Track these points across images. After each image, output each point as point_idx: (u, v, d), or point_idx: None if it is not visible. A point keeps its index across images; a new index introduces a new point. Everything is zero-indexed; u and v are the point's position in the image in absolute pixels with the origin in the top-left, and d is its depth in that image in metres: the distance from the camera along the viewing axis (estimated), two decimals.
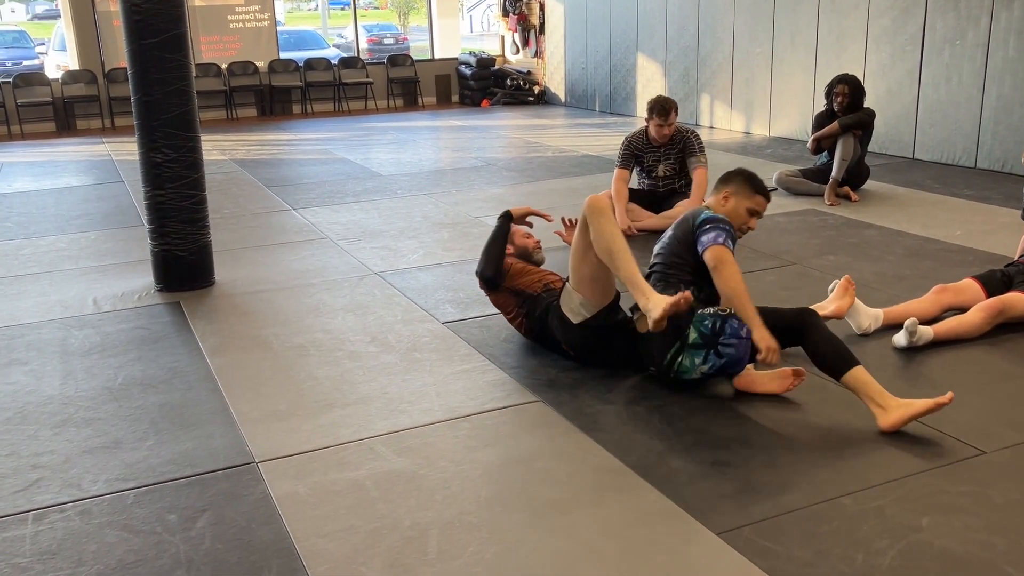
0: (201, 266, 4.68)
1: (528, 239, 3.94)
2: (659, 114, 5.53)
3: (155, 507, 2.60)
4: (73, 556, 2.37)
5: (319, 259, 5.20)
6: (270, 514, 2.54)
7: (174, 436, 3.04)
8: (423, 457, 2.84)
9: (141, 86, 4.36)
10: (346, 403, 3.25)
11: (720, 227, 3.17)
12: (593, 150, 8.83)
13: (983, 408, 3.05)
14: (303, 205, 6.70)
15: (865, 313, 3.72)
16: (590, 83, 12.21)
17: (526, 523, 2.45)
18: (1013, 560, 2.22)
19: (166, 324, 4.16)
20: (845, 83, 6.20)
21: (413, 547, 2.36)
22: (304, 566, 2.29)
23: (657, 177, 5.71)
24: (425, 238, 5.61)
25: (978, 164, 7.18)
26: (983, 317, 3.64)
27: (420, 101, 13.80)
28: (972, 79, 7.11)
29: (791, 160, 7.75)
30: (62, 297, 4.63)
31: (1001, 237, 5.10)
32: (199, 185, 4.57)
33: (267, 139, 10.58)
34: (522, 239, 3.91)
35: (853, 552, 2.27)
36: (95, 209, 6.81)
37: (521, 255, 3.89)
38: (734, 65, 9.62)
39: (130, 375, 3.58)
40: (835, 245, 5.12)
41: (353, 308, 4.30)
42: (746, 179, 3.34)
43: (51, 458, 2.92)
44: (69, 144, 10.68)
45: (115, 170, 8.58)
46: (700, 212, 3.28)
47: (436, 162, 8.55)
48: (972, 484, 2.58)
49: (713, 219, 3.21)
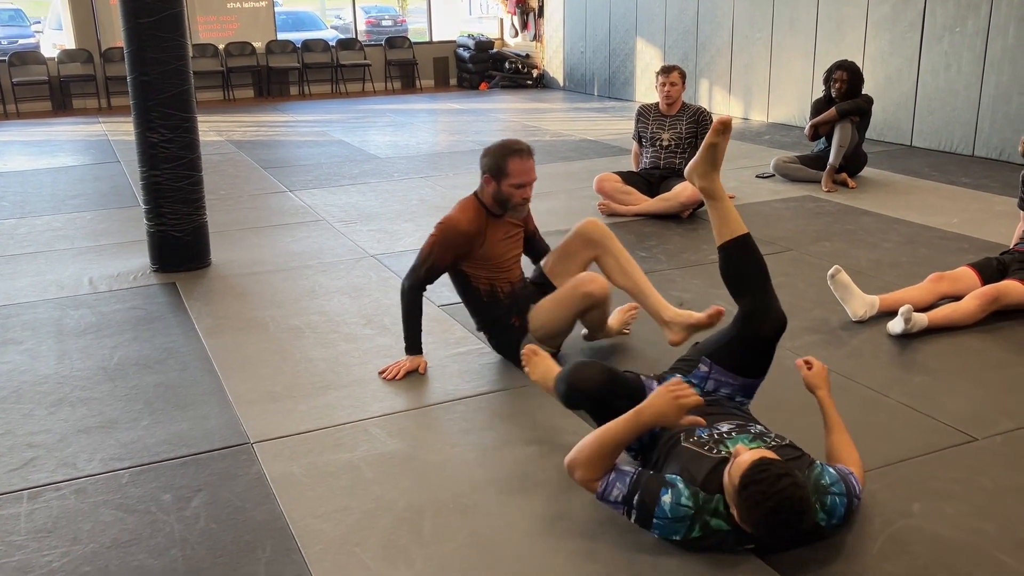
0: (197, 247, 4.67)
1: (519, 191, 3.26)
2: (661, 71, 5.65)
3: (150, 487, 2.61)
4: (68, 534, 2.38)
5: (315, 241, 5.19)
6: (265, 494, 2.55)
7: (169, 416, 3.05)
8: (418, 439, 2.85)
9: (137, 65, 4.34)
10: (341, 385, 3.26)
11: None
12: (591, 134, 8.81)
13: (976, 395, 3.06)
14: (299, 187, 6.68)
15: (861, 300, 3.73)
16: (589, 67, 12.17)
17: (520, 505, 2.46)
18: (1002, 546, 2.24)
19: (162, 305, 4.16)
20: (844, 69, 6.18)
21: (407, 528, 2.37)
22: (298, 546, 2.30)
23: (660, 147, 5.68)
24: (421, 221, 5.60)
25: (976, 152, 7.17)
26: (978, 305, 3.65)
27: (418, 84, 13.75)
28: (971, 67, 7.09)
29: (789, 146, 7.74)
30: (58, 277, 4.62)
31: (997, 225, 5.10)
32: (195, 166, 4.55)
33: (264, 120, 10.54)
34: (509, 188, 3.24)
35: (844, 536, 2.28)
36: (91, 189, 6.79)
37: (498, 200, 3.27)
38: (733, 50, 9.59)
39: (126, 355, 3.58)
40: (832, 232, 5.12)
41: (349, 290, 4.30)
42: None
43: (46, 437, 2.92)
44: (65, 123, 10.63)
45: (111, 150, 8.55)
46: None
47: (433, 145, 8.53)
48: (963, 470, 2.59)
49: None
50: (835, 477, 2.24)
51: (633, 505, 2.19)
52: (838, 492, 2.22)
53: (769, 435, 2.32)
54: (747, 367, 2.54)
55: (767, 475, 2.01)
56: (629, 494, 2.20)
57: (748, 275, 2.58)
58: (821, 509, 2.18)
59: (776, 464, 2.05)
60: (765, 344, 2.51)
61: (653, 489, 2.18)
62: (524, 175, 3.22)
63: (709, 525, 2.15)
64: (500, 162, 3.21)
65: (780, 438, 2.32)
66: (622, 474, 2.24)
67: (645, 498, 2.18)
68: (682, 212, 5.44)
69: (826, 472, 2.24)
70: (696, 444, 2.27)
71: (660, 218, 5.45)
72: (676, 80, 5.61)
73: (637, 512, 2.19)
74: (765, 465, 2.03)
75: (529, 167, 3.23)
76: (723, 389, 2.56)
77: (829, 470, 2.25)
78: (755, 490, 2.01)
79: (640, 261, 4.62)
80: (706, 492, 2.16)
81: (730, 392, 2.56)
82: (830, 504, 2.20)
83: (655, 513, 2.16)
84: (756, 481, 2.01)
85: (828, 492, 2.20)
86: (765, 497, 2.00)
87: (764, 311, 2.50)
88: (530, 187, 3.27)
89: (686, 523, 2.15)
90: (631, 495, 2.20)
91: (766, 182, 6.45)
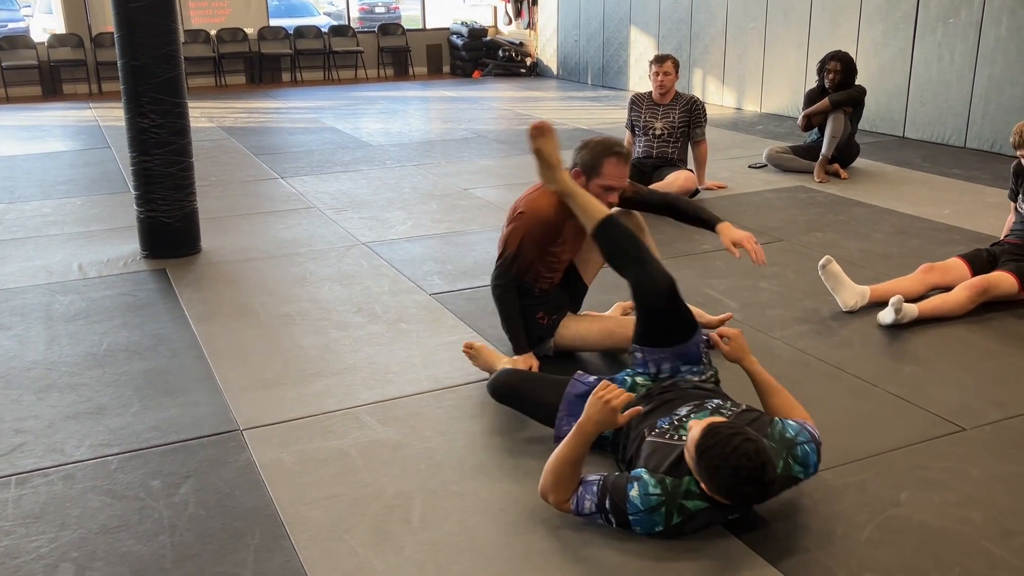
0: (187, 233, 4.65)
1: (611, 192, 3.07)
2: (655, 60, 5.63)
3: (139, 473, 2.60)
4: (56, 520, 2.37)
5: (306, 228, 5.17)
6: (254, 481, 2.55)
7: (158, 403, 3.04)
8: (408, 427, 2.85)
9: (128, 50, 4.30)
10: (332, 372, 3.25)
11: None
12: (584, 123, 8.80)
13: (965, 385, 3.08)
14: (291, 174, 6.66)
15: (852, 290, 3.74)
16: (583, 56, 12.14)
17: (510, 493, 2.46)
18: (989, 534, 2.25)
19: (151, 291, 4.15)
20: (837, 60, 6.18)
21: (397, 515, 2.37)
22: (287, 533, 2.30)
23: (653, 136, 5.67)
24: (413, 209, 5.59)
25: (967, 144, 7.18)
26: (968, 296, 3.66)
27: (411, 71, 13.69)
28: (964, 58, 7.10)
29: (782, 137, 7.75)
30: (47, 262, 4.60)
31: (988, 217, 5.12)
32: (186, 152, 4.53)
33: (255, 107, 10.49)
34: (597, 188, 3.02)
35: (833, 525, 2.29)
36: (81, 174, 6.75)
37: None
38: (727, 40, 9.57)
39: (115, 341, 3.57)
40: (823, 222, 5.13)
41: (340, 278, 4.29)
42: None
43: (34, 423, 2.91)
44: (55, 108, 10.56)
45: (102, 135, 8.50)
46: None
47: (426, 133, 8.51)
48: (951, 460, 2.60)
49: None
50: (797, 428, 2.27)
51: (607, 510, 2.20)
52: (805, 440, 2.25)
53: (726, 406, 2.35)
54: (666, 336, 2.56)
55: (718, 437, 2.04)
56: (600, 501, 2.21)
57: (620, 251, 2.69)
58: (795, 462, 2.20)
59: (724, 425, 2.07)
60: (665, 310, 2.56)
61: (620, 488, 2.19)
62: (618, 179, 3.02)
63: (686, 508, 2.16)
64: (596, 160, 3.00)
65: (737, 405, 2.36)
66: (588, 485, 2.25)
67: (615, 499, 2.19)
68: None
69: (787, 426, 2.27)
70: (659, 435, 2.29)
71: None
72: (670, 69, 5.61)
73: (613, 516, 2.20)
74: (714, 429, 2.06)
75: (623, 172, 3.03)
76: (664, 365, 2.57)
77: (789, 423, 2.29)
78: (711, 455, 2.03)
79: None
80: (674, 477, 2.17)
81: (672, 366, 2.57)
82: (801, 454, 2.22)
83: (628, 510, 2.17)
84: (709, 447, 2.04)
85: (796, 444, 2.23)
86: (723, 460, 2.02)
87: (647, 280, 2.58)
88: (617, 193, 3.07)
89: (661, 511, 2.16)
90: (602, 502, 2.21)
91: (758, 172, 6.45)
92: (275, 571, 2.16)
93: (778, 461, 2.18)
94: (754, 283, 4.11)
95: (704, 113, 5.67)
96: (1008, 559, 2.16)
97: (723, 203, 5.59)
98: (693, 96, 5.73)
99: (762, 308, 3.81)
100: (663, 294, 2.55)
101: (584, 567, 2.14)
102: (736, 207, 5.49)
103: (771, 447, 2.18)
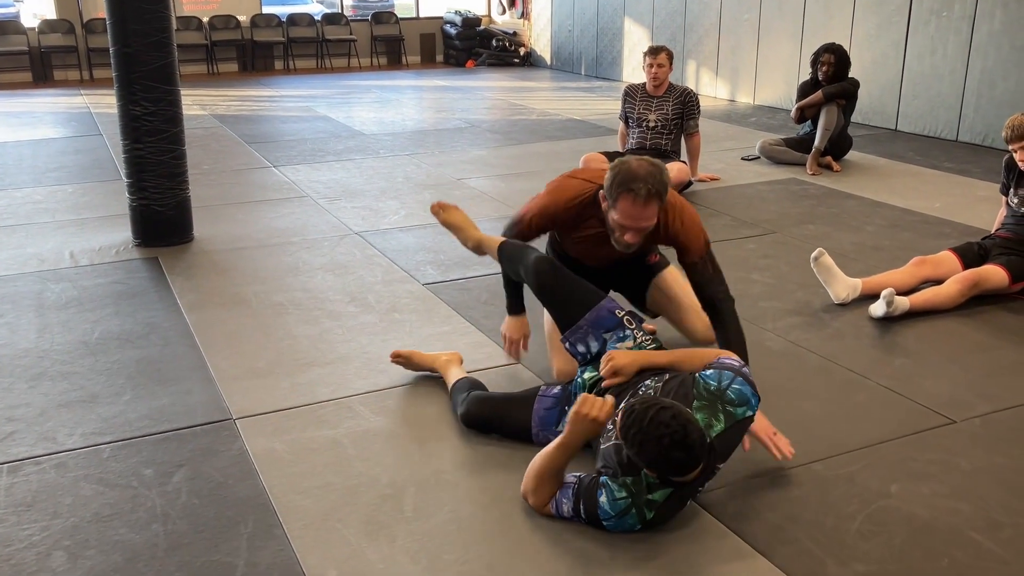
0: (179, 222, 4.64)
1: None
2: (649, 52, 5.64)
3: (131, 461, 2.60)
4: (48, 508, 2.37)
5: (299, 217, 5.16)
6: (247, 470, 2.55)
7: (151, 391, 3.03)
8: (401, 416, 2.86)
9: (120, 37, 4.28)
10: (325, 362, 3.25)
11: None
12: (578, 114, 8.79)
13: (955, 378, 3.10)
14: (284, 162, 6.64)
15: (843, 283, 3.75)
16: (576, 46, 12.12)
17: (502, 482, 2.47)
18: (977, 526, 2.27)
19: (144, 279, 4.13)
20: (831, 52, 6.18)
21: (390, 505, 2.38)
22: (280, 522, 2.31)
23: (647, 128, 5.68)
24: (407, 199, 5.58)
25: (959, 137, 7.20)
26: (959, 289, 3.68)
27: (404, 60, 13.65)
28: (957, 51, 7.11)
29: (775, 129, 7.75)
30: (38, 250, 4.58)
31: (979, 210, 5.14)
32: (178, 139, 4.51)
33: (248, 95, 10.45)
34: (614, 222, 2.72)
35: (823, 516, 2.31)
36: (72, 162, 6.72)
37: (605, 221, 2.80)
38: (721, 31, 9.56)
39: (107, 330, 3.56)
40: (815, 215, 5.14)
41: (333, 267, 4.29)
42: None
43: (26, 411, 2.90)
44: (46, 95, 10.50)
45: (93, 123, 8.45)
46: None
47: (419, 122, 8.49)
48: (941, 452, 2.62)
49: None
50: (716, 375, 2.27)
51: (582, 515, 2.23)
52: (730, 381, 2.25)
53: (649, 384, 2.36)
54: (568, 310, 2.66)
55: (634, 415, 2.04)
56: (575, 505, 2.24)
57: (513, 265, 2.82)
58: (734, 407, 2.20)
59: (638, 402, 2.07)
60: (549, 290, 2.70)
61: (591, 494, 2.22)
62: (631, 220, 2.63)
63: (655, 501, 2.17)
64: (614, 191, 2.63)
65: (659, 377, 2.36)
66: (565, 488, 2.28)
67: (588, 506, 2.22)
68: None
69: (706, 378, 2.27)
70: (605, 439, 2.30)
71: None
72: (663, 61, 5.60)
73: (587, 520, 2.23)
74: (629, 409, 2.06)
75: (639, 213, 2.61)
76: (590, 342, 2.62)
77: (706, 374, 2.28)
78: (633, 435, 2.03)
79: None
80: (632, 475, 2.18)
81: (597, 341, 2.61)
82: (735, 395, 2.22)
83: (601, 516, 2.20)
84: (629, 427, 2.04)
85: (723, 390, 2.23)
86: (644, 435, 2.02)
87: (530, 270, 2.71)
88: (637, 233, 2.67)
89: (632, 513, 2.18)
90: (577, 506, 2.23)
91: (751, 164, 6.46)
92: (268, 560, 2.16)
93: (717, 415, 2.19)
94: (746, 275, 4.13)
95: (697, 105, 5.67)
96: (996, 550, 2.18)
97: (716, 195, 5.60)
98: (687, 88, 5.73)
99: (754, 300, 3.82)
100: (539, 281, 2.68)
101: (575, 558, 2.15)
102: (728, 199, 5.50)
103: (703, 405, 2.19)
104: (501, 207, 5.35)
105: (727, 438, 2.21)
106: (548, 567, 2.13)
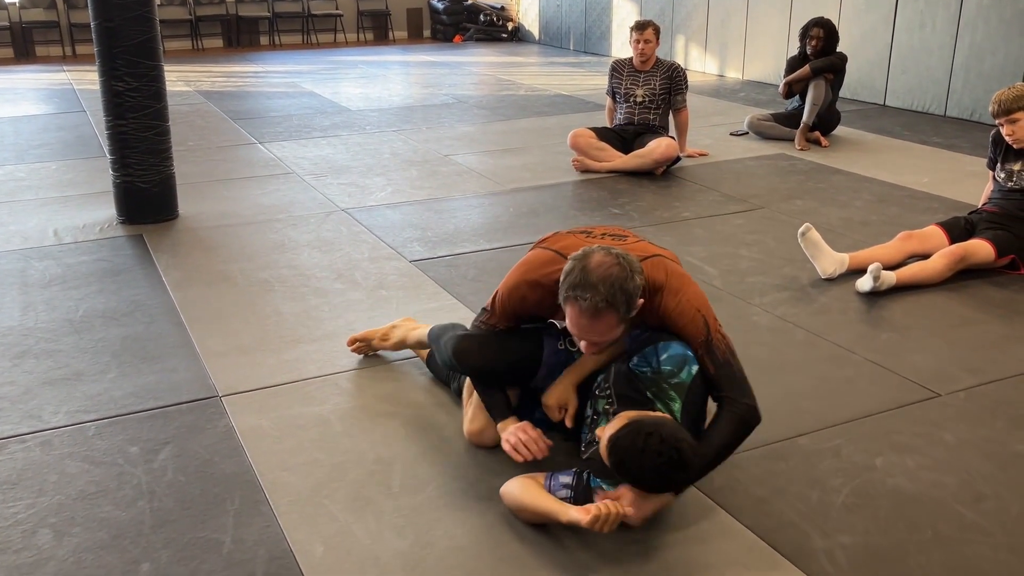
0: (164, 199, 4.60)
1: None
2: (636, 27, 5.61)
3: (117, 439, 2.59)
4: (33, 486, 2.36)
5: (285, 194, 5.13)
6: (233, 447, 2.54)
7: (136, 369, 3.02)
8: (388, 393, 2.85)
9: (101, 11, 4.22)
10: (311, 339, 3.24)
11: None
12: (566, 89, 8.74)
13: (941, 352, 3.11)
14: (269, 139, 6.58)
15: (831, 257, 3.76)
16: (565, 21, 12.03)
17: (489, 458, 2.47)
18: (961, 498, 2.29)
19: (128, 257, 4.10)
20: (820, 27, 6.16)
21: (376, 481, 2.38)
22: (267, 498, 2.30)
23: (634, 103, 5.66)
24: (393, 175, 5.55)
25: (948, 112, 7.20)
26: (945, 263, 3.69)
27: (391, 35, 13.53)
28: (945, 26, 7.09)
29: (764, 104, 7.73)
30: (21, 228, 4.54)
31: (967, 185, 5.15)
32: (162, 116, 4.46)
33: (233, 71, 10.35)
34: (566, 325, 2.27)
35: (808, 490, 2.32)
36: (55, 139, 6.65)
37: None
38: (709, 6, 9.51)
39: (91, 307, 3.53)
40: (803, 190, 5.14)
41: (319, 244, 4.26)
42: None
43: (10, 389, 2.89)
44: (28, 71, 10.37)
45: (76, 99, 8.36)
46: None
47: (406, 98, 8.43)
48: (926, 425, 2.64)
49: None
50: (642, 358, 2.25)
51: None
52: (655, 355, 2.22)
53: (606, 394, 2.28)
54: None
55: (621, 451, 1.98)
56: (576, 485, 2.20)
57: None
58: (677, 374, 2.19)
59: (621, 435, 1.99)
60: (475, 371, 2.46)
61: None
62: (580, 331, 2.18)
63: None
64: (561, 293, 2.17)
65: (606, 385, 2.29)
66: (557, 476, 2.25)
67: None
68: (655, 169, 5.44)
69: (639, 367, 2.24)
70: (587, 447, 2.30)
71: (633, 175, 5.43)
72: (650, 36, 5.58)
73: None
74: (614, 444, 2.00)
75: (588, 325, 2.14)
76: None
77: (634, 362, 2.25)
78: (628, 470, 1.99)
79: (613, 218, 4.63)
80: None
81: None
82: (672, 365, 2.20)
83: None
84: (620, 463, 1.99)
85: (659, 368, 2.21)
86: (640, 468, 1.96)
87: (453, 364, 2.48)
88: (592, 345, 2.22)
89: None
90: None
91: (740, 140, 6.44)
92: (254, 536, 2.16)
93: (668, 394, 2.18)
94: (734, 250, 4.13)
95: (685, 80, 5.65)
96: (979, 522, 2.20)
97: (704, 170, 5.58)
98: (674, 63, 5.70)
99: (742, 275, 3.83)
100: (453, 366, 2.48)
101: (564, 535, 2.16)
102: (717, 174, 5.49)
103: (654, 392, 2.19)
104: (489, 183, 5.32)
105: (692, 402, 2.20)
106: (535, 539, 2.14)
